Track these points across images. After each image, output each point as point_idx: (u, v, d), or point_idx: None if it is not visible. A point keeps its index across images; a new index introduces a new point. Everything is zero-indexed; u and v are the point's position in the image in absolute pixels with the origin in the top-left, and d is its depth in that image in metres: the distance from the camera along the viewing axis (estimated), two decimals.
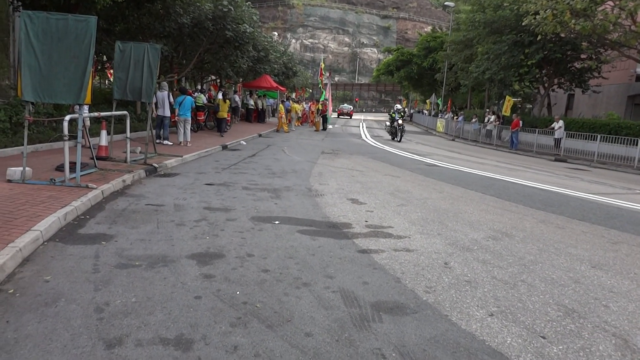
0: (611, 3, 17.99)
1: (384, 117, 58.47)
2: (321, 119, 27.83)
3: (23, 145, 6.97)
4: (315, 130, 27.01)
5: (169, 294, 3.46)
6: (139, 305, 3.25)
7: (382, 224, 5.92)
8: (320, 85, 34.86)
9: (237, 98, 25.72)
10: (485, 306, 3.57)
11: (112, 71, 21.67)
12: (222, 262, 4.18)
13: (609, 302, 3.83)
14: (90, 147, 8.28)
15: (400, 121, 21.85)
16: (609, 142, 17.30)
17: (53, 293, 3.39)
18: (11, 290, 3.39)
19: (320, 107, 28.56)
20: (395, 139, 21.98)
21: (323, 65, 35.93)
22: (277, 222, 5.71)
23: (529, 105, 29.72)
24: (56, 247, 4.39)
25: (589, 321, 3.43)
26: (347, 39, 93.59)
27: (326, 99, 29.80)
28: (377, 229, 5.66)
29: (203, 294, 3.50)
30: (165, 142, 13.00)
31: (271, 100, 33.78)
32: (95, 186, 6.62)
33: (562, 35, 20.39)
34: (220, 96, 19.28)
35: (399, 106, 23.55)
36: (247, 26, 19.20)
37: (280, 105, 24.33)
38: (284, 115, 23.51)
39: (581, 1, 17.07)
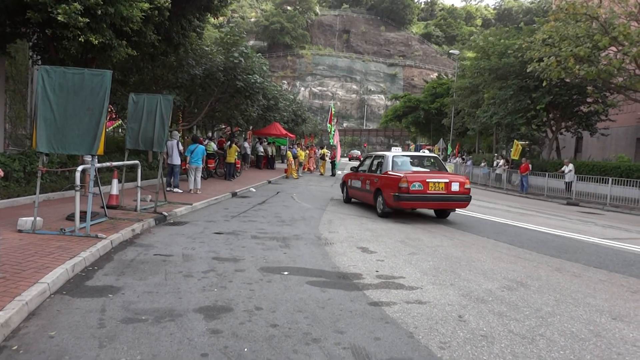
0: (614, 49, 18.30)
1: None
2: (331, 164, 28.04)
3: (35, 194, 7.05)
4: (321, 175, 27.15)
5: (175, 351, 3.36)
6: None
7: (393, 274, 5.80)
8: (330, 131, 34.54)
9: (246, 145, 26.10)
10: None
11: (117, 124, 22.24)
12: (229, 316, 4.08)
13: (632, 357, 3.65)
14: (101, 196, 8.35)
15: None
16: (620, 184, 17.12)
17: (57, 350, 3.31)
18: (15, 347, 3.32)
19: (327, 153, 28.85)
20: None
21: (333, 111, 36.35)
22: (286, 272, 5.62)
23: (537, 149, 29.75)
24: (63, 300, 4.34)
25: None
26: (354, 86, 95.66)
27: (334, 145, 30.08)
28: (388, 279, 5.54)
29: (210, 350, 3.39)
30: (176, 189, 13.12)
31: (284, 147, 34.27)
32: (104, 236, 6.62)
33: (567, 80, 20.66)
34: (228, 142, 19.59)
35: (427, 152, 19.27)
36: (257, 76, 19.76)
37: (289, 152, 24.59)
38: (292, 162, 23.71)
39: (584, 48, 17.39)
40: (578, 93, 21.89)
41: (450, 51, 52.41)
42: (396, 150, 13.29)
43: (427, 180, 10.17)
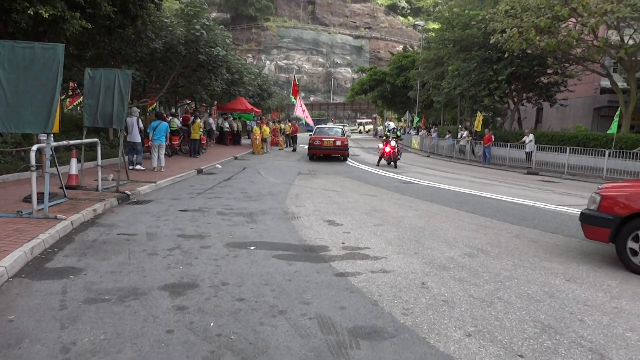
0: (574, 20, 18.70)
1: (358, 136, 58.93)
2: (291, 139, 27.78)
3: None
4: (280, 149, 27.03)
5: (139, 329, 3.35)
6: (107, 342, 3.13)
7: (359, 245, 5.89)
8: (293, 101, 34.19)
9: (211, 121, 25.62)
10: (463, 326, 3.56)
11: (79, 99, 21.43)
12: (195, 293, 4.07)
13: (584, 316, 3.86)
14: (59, 176, 8.07)
15: (393, 142, 17.74)
16: (578, 153, 17.76)
17: (17, 333, 3.24)
18: None
19: (287, 127, 28.59)
20: (391, 163, 18.01)
21: (297, 82, 35.82)
22: (252, 247, 5.63)
23: (500, 120, 30.41)
24: (21, 283, 4.23)
25: (565, 337, 3.44)
26: (321, 59, 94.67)
27: (298, 118, 29.75)
28: (354, 250, 5.63)
29: (175, 327, 3.39)
30: (138, 167, 12.84)
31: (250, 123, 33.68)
32: (64, 217, 6.44)
33: (529, 51, 21.05)
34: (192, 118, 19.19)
35: (392, 124, 20.23)
36: (220, 49, 19.29)
37: (255, 127, 24.29)
38: (258, 137, 23.46)
39: (545, 19, 17.70)
40: (539, 64, 22.37)
41: (416, 22, 52.32)
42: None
43: (323, 139, 20.00)
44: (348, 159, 21.14)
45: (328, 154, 19.91)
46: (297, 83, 29.93)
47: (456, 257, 5.49)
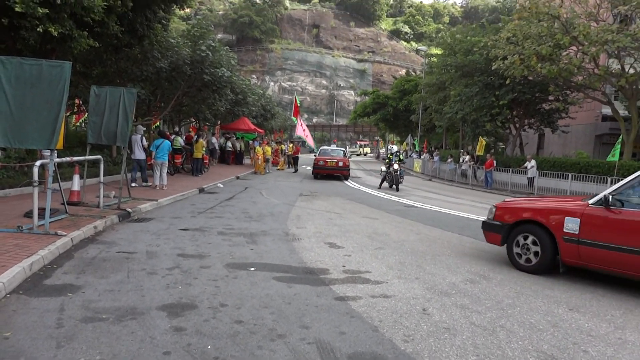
0: (574, 48, 18.92)
1: (360, 158, 59.08)
2: (293, 160, 27.69)
3: None
4: (280, 170, 27.06)
5: (136, 350, 3.30)
6: None
7: (360, 268, 5.85)
8: (295, 121, 34.75)
9: (214, 140, 25.76)
10: (465, 355, 3.50)
11: (84, 116, 21.60)
12: (194, 314, 4.03)
13: (587, 346, 3.80)
14: (61, 192, 8.07)
15: (396, 166, 17.81)
16: (580, 180, 17.75)
17: (12, 351, 3.20)
18: None
19: (287, 148, 28.59)
20: (393, 186, 18.04)
21: (299, 102, 36.00)
22: (252, 268, 5.59)
23: (501, 145, 30.53)
24: (19, 299, 4.19)
25: None
26: (324, 82, 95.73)
27: (299, 139, 29.92)
28: (355, 274, 5.58)
29: (172, 349, 3.34)
30: (143, 183, 13.01)
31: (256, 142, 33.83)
32: (64, 233, 6.41)
33: (530, 78, 21.24)
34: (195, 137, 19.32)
35: (395, 147, 20.47)
36: (225, 70, 19.50)
37: (258, 147, 24.39)
38: (260, 157, 23.54)
39: (547, 47, 17.91)
40: (540, 91, 22.55)
41: (418, 47, 53.04)
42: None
43: (327, 159, 21.83)
44: (350, 180, 21.20)
45: (331, 173, 22.01)
46: (299, 104, 30.16)
47: (458, 283, 5.43)
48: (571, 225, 5.77)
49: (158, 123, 22.87)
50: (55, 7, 9.09)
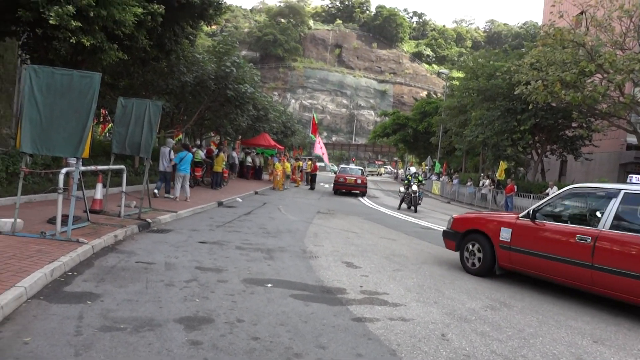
0: (599, 76, 18.71)
1: (378, 178, 58.88)
2: (310, 177, 27.72)
3: (17, 196, 6.91)
4: (296, 186, 27.13)
5: None
6: None
7: (377, 290, 5.77)
8: (313, 138, 35.72)
9: (234, 154, 26.01)
10: None
11: (109, 125, 22.07)
12: (210, 328, 4.01)
13: None
14: (84, 200, 8.20)
15: (415, 187, 18.04)
16: None
17: (31, 357, 3.22)
18: None
19: (307, 165, 28.67)
20: (411, 207, 18.10)
21: (317, 120, 36.29)
22: (269, 285, 5.56)
23: (522, 170, 30.13)
24: (40, 305, 4.23)
25: None
26: (345, 101, 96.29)
27: (317, 156, 30.11)
28: (372, 295, 5.51)
29: None
30: (166, 195, 13.29)
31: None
32: (86, 241, 6.49)
33: (553, 104, 21.02)
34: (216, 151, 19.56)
35: (413, 169, 20.78)
36: (248, 86, 19.79)
37: (277, 163, 24.53)
38: (279, 173, 23.65)
39: (571, 74, 17.74)
40: (563, 117, 22.27)
41: (440, 70, 53.14)
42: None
43: (347, 177, 24.16)
44: (368, 199, 21.14)
45: (350, 189, 24.21)
46: (317, 122, 30.49)
47: (478, 309, 5.32)
48: (505, 234, 6.76)
49: (180, 136, 23.21)
50: (88, 20, 9.37)
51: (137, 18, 10.09)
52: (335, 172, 28.25)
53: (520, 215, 6.88)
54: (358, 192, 24.04)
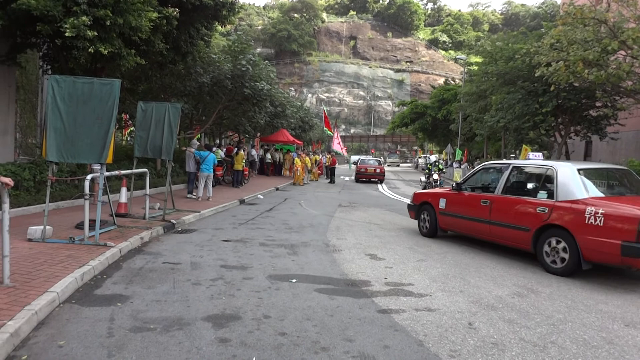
0: (623, 53, 18.18)
1: (399, 169, 58.46)
2: (330, 171, 27.65)
3: (45, 203, 7.11)
4: (312, 180, 27.15)
5: None
6: None
7: (402, 281, 5.77)
8: (329, 133, 36.84)
9: (254, 152, 26.16)
10: None
11: (129, 129, 22.45)
12: (238, 325, 4.07)
13: None
14: (110, 205, 8.38)
15: (436, 176, 18.80)
16: None
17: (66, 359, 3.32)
18: (24, 357, 3.34)
19: (327, 159, 28.61)
20: None
21: (328, 115, 36.77)
22: (294, 280, 5.61)
23: (546, 153, 29.56)
24: (72, 309, 4.35)
25: None
26: (362, 93, 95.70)
27: (334, 151, 30.19)
28: (397, 286, 5.51)
29: (218, 359, 3.38)
30: (188, 195, 13.69)
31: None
32: (113, 244, 6.65)
33: (576, 84, 20.51)
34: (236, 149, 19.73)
35: (434, 157, 21.35)
36: (265, 83, 19.82)
37: (296, 158, 24.58)
38: (299, 169, 23.70)
39: (593, 52, 17.27)
40: (587, 97, 21.70)
41: (457, 56, 52.34)
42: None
43: (367, 167, 27.92)
44: (389, 191, 21.05)
45: (370, 177, 27.85)
46: (328, 115, 30.84)
47: (504, 296, 5.26)
48: (442, 203, 8.83)
49: (199, 136, 23.45)
50: (105, 28, 9.53)
51: (152, 23, 10.21)
52: (355, 164, 32.08)
53: (452, 187, 8.78)
54: (376, 179, 27.72)
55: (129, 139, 25.31)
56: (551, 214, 6.54)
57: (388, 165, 55.44)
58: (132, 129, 24.39)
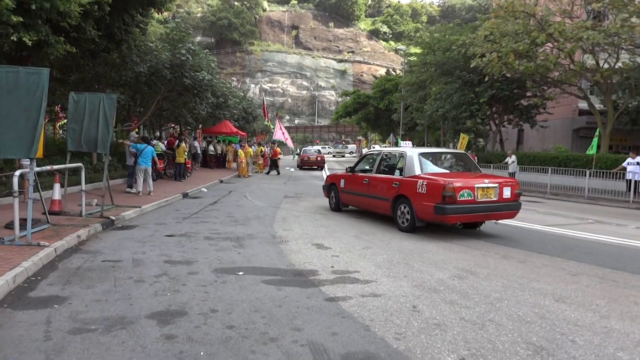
0: (550, 45, 19.28)
1: (344, 159, 59.18)
2: (272, 162, 27.06)
3: None
4: (256, 172, 26.94)
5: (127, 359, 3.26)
6: None
7: (349, 268, 5.87)
8: (268, 125, 37.70)
9: (196, 144, 25.56)
10: (456, 350, 3.54)
11: (62, 122, 21.25)
12: (184, 320, 3.99)
13: (575, 336, 3.87)
14: (42, 202, 7.91)
15: None
16: (559, 174, 18.10)
17: None
18: None
19: (266, 150, 28.28)
20: None
21: (266, 105, 37.08)
22: (241, 272, 5.56)
23: (482, 141, 30.92)
24: (4, 313, 4.10)
25: (558, 358, 3.45)
26: (305, 83, 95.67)
27: (277, 141, 29.96)
28: (344, 274, 5.60)
29: (164, 357, 3.31)
30: (127, 189, 13.25)
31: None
32: (47, 244, 6.30)
33: (508, 75, 21.56)
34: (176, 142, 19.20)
35: (377, 147, 21.44)
36: (206, 73, 19.37)
37: (240, 150, 24.25)
38: (244, 160, 23.43)
39: (523, 44, 18.20)
40: (518, 87, 22.91)
41: (398, 47, 53.38)
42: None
43: (309, 156, 31.45)
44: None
45: (311, 165, 31.30)
46: (272, 105, 30.88)
47: (445, 279, 5.49)
48: (342, 183, 10.83)
49: (137, 129, 22.59)
50: (30, 14, 8.92)
51: (82, 8, 9.67)
52: (298, 155, 35.03)
53: (348, 169, 10.72)
54: (317, 167, 31.34)
55: (61, 132, 23.95)
56: (400, 187, 8.56)
57: (333, 156, 55.89)
58: (64, 121, 23.06)
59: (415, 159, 8.57)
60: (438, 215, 7.66)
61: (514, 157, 20.39)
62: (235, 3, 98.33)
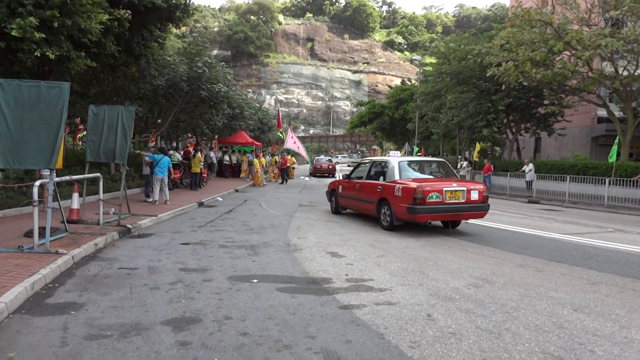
0: (568, 53, 19.08)
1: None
2: (281, 171, 26.79)
3: None
4: (274, 180, 27.07)
5: None
6: None
7: (363, 276, 5.84)
8: (281, 135, 37.17)
9: (212, 154, 25.81)
10: (472, 359, 3.49)
11: (82, 134, 21.65)
12: (198, 327, 4.01)
13: (594, 346, 3.78)
14: (61, 211, 8.06)
15: None
16: (578, 182, 17.80)
17: None
18: None
19: (277, 160, 28.03)
20: None
21: (281, 115, 36.68)
22: (255, 280, 5.58)
23: (498, 150, 30.62)
24: (22, 319, 4.17)
25: None
26: (320, 94, 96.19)
27: (288, 150, 29.92)
28: (358, 282, 5.57)
29: None
30: (145, 199, 13.46)
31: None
32: (65, 251, 6.40)
33: (525, 83, 21.38)
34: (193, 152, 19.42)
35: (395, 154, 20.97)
36: (222, 85, 19.61)
37: (255, 160, 24.41)
38: (259, 170, 23.57)
39: (540, 53, 18.06)
40: (535, 96, 22.67)
41: (413, 57, 53.42)
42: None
43: (321, 164, 35.03)
44: None
45: (323, 173, 33.72)
46: (287, 116, 30.97)
47: (461, 287, 5.42)
48: (340, 189, 11.94)
49: (155, 140, 22.93)
50: (53, 30, 9.16)
51: (103, 25, 9.90)
52: (311, 164, 37.60)
53: (345, 177, 11.89)
54: (328, 174, 33.46)
55: (81, 143, 24.42)
56: (382, 191, 9.65)
57: (348, 165, 55.85)
58: (84, 133, 23.52)
59: (396, 166, 9.74)
60: (410, 215, 8.77)
61: (531, 166, 20.13)
62: (252, 17, 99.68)
